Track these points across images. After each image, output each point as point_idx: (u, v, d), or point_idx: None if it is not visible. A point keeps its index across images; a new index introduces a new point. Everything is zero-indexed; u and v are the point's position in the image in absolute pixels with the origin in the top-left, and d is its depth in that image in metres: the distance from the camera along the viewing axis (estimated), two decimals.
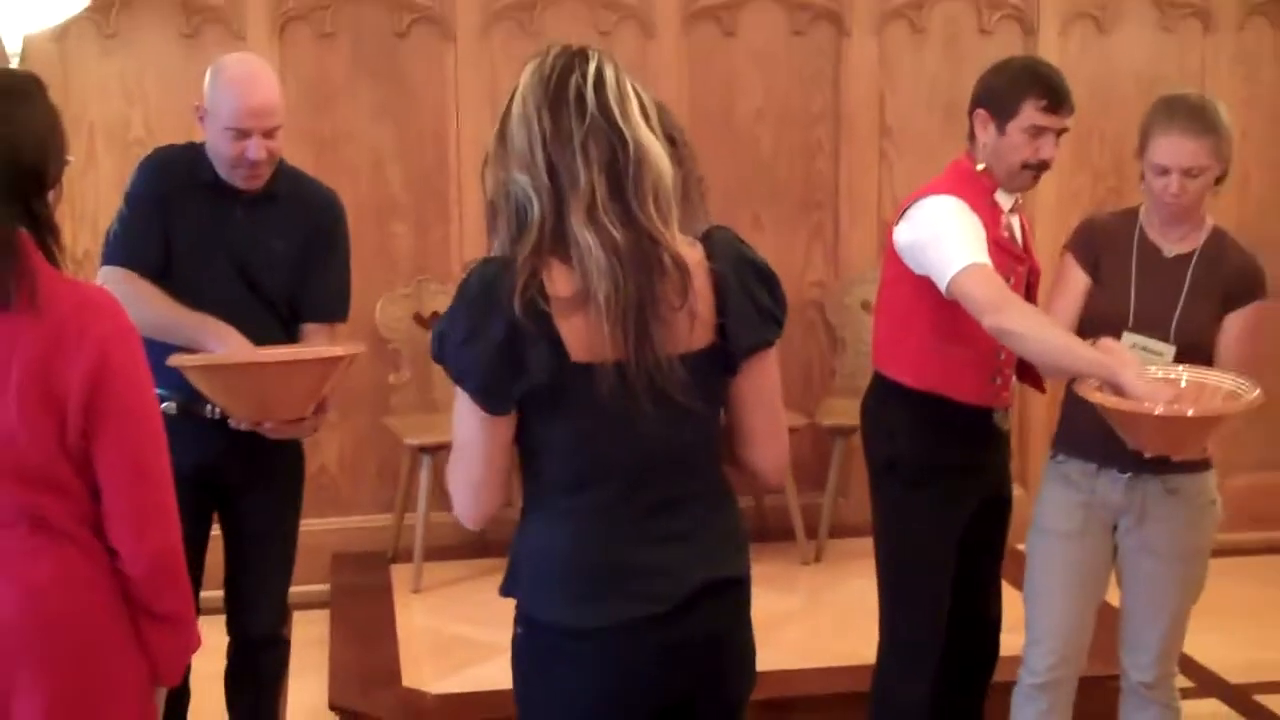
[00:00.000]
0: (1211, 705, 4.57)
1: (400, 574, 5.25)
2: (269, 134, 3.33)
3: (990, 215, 3.34)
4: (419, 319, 5.43)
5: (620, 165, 2.10)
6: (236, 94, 3.31)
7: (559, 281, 2.10)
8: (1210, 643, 4.71)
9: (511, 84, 2.18)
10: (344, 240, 3.61)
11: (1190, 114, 3.19)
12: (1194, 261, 3.28)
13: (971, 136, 3.41)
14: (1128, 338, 3.19)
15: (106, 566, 2.16)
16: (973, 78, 3.50)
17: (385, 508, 5.52)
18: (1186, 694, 3.93)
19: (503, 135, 2.16)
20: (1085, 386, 3.08)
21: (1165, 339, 3.21)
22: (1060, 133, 3.35)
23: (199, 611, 3.54)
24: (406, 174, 5.50)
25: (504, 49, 5.39)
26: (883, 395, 3.54)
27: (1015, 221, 3.46)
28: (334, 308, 3.57)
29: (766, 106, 5.64)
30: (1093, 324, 3.22)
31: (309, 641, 3.89)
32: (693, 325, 2.15)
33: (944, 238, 3.25)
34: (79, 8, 4.94)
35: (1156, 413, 2.93)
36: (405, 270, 5.51)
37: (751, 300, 2.21)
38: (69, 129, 2.26)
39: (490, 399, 2.12)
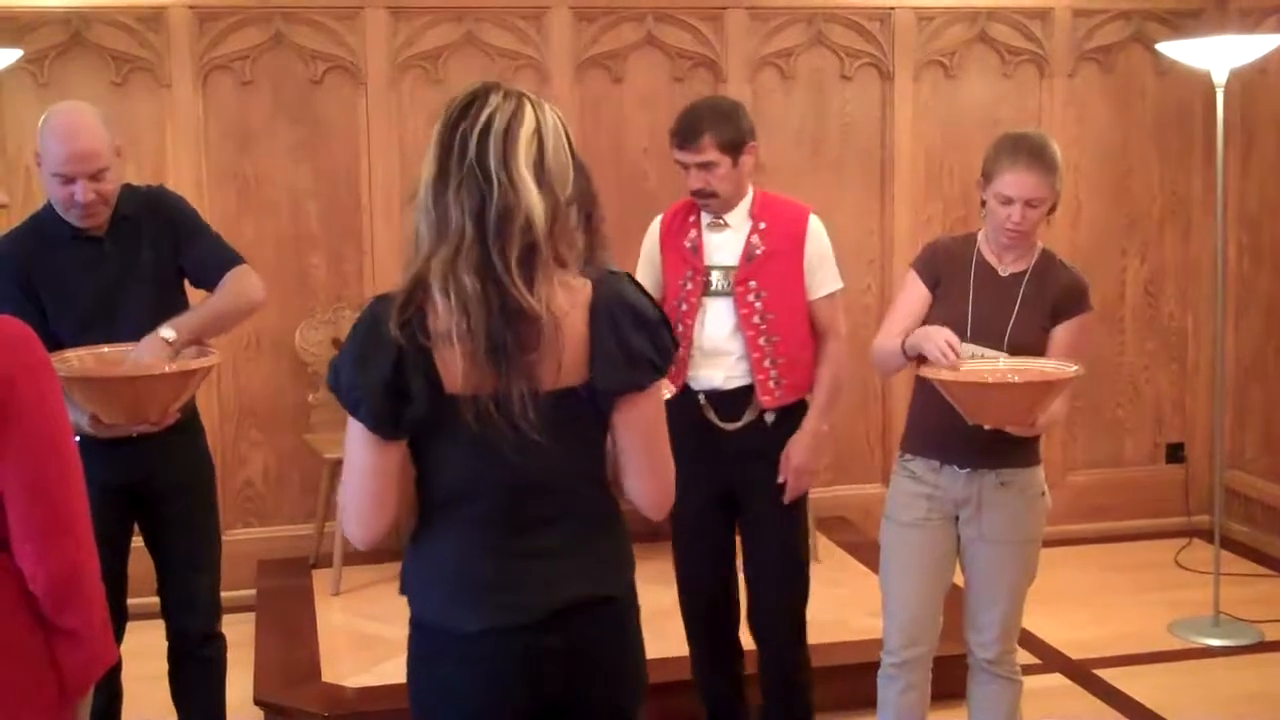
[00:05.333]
0: (1055, 679, 4.64)
1: (320, 578, 5.26)
2: (95, 177, 3.28)
3: (679, 228, 3.69)
4: (336, 343, 5.42)
5: (486, 212, 2.06)
6: (59, 141, 3.26)
7: (438, 317, 2.07)
8: (1053, 622, 4.86)
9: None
10: (191, 211, 3.57)
11: (1032, 152, 3.25)
12: (1026, 279, 3.34)
13: None
14: (965, 346, 3.23)
15: (15, 582, 2.08)
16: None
17: (307, 517, 5.52)
18: (1032, 669, 4.03)
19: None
20: (927, 367, 3.19)
21: (999, 347, 3.27)
22: (703, 165, 3.56)
23: (127, 618, 3.55)
24: (322, 210, 5.49)
25: (411, 94, 5.40)
26: None
27: (716, 237, 3.66)
28: (228, 259, 3.51)
29: (652, 145, 5.68)
30: None
31: (237, 642, 3.87)
32: (560, 365, 2.12)
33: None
34: (14, 58, 4.91)
35: (989, 380, 3.07)
36: (322, 298, 5.53)
37: (620, 344, 2.14)
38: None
39: (381, 427, 2.09)
